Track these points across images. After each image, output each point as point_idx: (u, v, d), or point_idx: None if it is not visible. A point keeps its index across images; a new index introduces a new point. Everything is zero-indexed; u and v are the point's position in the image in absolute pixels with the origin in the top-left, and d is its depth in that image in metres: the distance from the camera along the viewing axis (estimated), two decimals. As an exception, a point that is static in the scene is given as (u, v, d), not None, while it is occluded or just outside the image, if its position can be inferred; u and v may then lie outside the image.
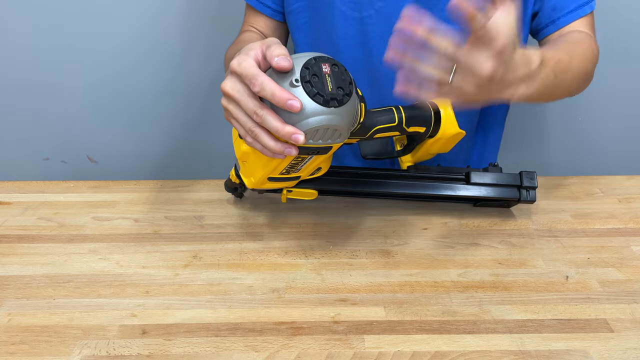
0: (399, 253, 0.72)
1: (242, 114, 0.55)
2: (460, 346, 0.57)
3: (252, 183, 0.67)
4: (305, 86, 0.52)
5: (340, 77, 0.54)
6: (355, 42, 0.81)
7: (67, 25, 1.12)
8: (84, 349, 0.56)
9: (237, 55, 0.55)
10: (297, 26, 0.85)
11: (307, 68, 0.53)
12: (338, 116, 0.54)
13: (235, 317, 0.61)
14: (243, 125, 0.56)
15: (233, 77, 0.55)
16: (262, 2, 0.86)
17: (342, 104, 0.54)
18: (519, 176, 0.77)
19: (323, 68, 0.54)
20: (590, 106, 1.21)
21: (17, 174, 1.25)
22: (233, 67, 0.54)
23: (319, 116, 0.53)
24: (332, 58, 0.55)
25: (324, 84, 0.53)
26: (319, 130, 0.54)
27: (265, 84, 0.52)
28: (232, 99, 0.55)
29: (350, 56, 0.82)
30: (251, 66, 0.53)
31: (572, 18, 0.79)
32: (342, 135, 0.56)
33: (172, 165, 1.29)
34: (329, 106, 0.53)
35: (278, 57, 0.52)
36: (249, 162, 0.65)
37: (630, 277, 0.68)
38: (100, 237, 0.76)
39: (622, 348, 0.57)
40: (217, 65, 1.15)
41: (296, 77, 0.53)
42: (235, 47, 0.81)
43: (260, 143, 0.56)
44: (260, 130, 0.55)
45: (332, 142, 0.56)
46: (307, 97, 0.52)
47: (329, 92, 0.53)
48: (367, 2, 0.78)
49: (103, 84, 1.18)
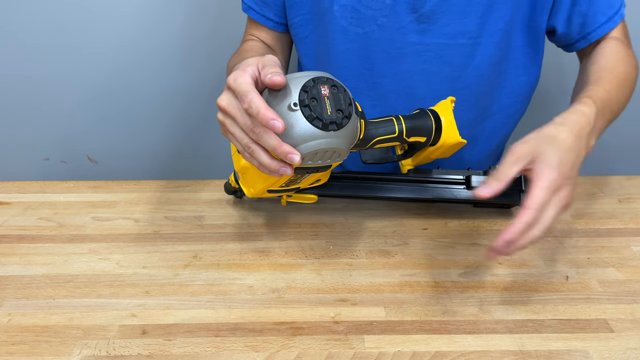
0: (399, 253, 0.72)
1: (238, 130, 0.55)
2: (460, 346, 0.57)
3: (252, 193, 0.67)
4: (304, 110, 0.52)
5: (339, 98, 0.54)
6: (356, 58, 0.81)
7: (68, 25, 1.12)
8: (84, 349, 0.56)
9: (234, 71, 0.55)
10: (299, 39, 0.85)
11: (306, 91, 0.52)
12: (337, 139, 0.54)
13: (235, 317, 0.61)
14: (240, 141, 0.55)
15: (229, 92, 0.55)
16: (263, 15, 0.85)
17: (341, 127, 0.54)
18: (519, 180, 0.77)
19: (322, 90, 0.53)
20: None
21: (17, 174, 1.24)
22: (229, 82, 0.54)
23: (318, 140, 0.53)
24: (331, 78, 0.55)
25: (322, 107, 0.53)
26: (317, 153, 0.54)
27: (253, 102, 0.51)
28: (228, 114, 0.55)
29: (352, 71, 0.82)
30: (245, 83, 0.53)
31: (604, 31, 0.79)
32: (341, 155, 0.56)
33: (172, 165, 1.29)
34: (328, 130, 0.53)
35: (271, 74, 0.52)
36: (248, 175, 0.65)
37: (630, 277, 0.68)
38: (100, 237, 0.76)
39: (622, 348, 0.57)
40: (219, 66, 1.15)
41: (294, 100, 0.52)
42: (237, 57, 0.81)
43: (256, 160, 0.55)
44: (256, 147, 0.54)
45: (331, 162, 0.57)
46: (306, 121, 0.52)
47: (328, 116, 0.53)
48: (369, 18, 0.77)
49: (103, 84, 1.18)
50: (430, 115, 0.68)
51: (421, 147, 0.71)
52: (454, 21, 0.76)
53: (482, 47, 0.78)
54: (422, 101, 0.80)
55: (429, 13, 0.75)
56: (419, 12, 0.76)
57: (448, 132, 0.69)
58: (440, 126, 0.68)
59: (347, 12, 0.77)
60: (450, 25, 0.76)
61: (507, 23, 0.77)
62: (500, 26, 0.77)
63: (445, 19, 0.76)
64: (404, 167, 0.76)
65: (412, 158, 0.75)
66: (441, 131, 0.68)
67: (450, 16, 0.75)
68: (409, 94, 0.81)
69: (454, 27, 0.76)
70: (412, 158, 0.75)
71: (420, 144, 0.70)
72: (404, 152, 0.75)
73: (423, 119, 0.68)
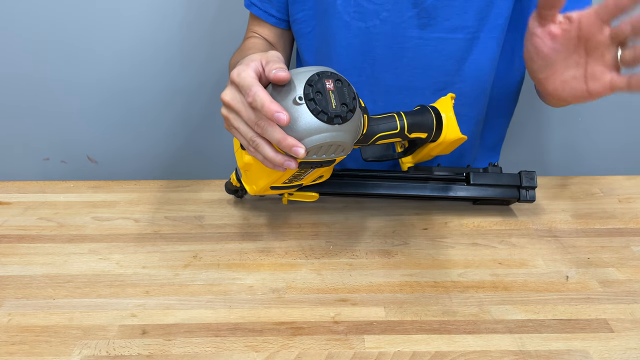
0: (399, 253, 0.72)
1: (242, 124, 0.55)
2: (460, 346, 0.57)
3: (255, 190, 0.67)
4: (309, 104, 0.52)
5: (343, 92, 0.54)
6: (359, 52, 0.81)
7: (68, 25, 1.12)
8: (84, 349, 0.56)
9: (238, 65, 0.55)
10: (301, 35, 0.85)
11: (311, 85, 0.52)
12: (342, 133, 0.54)
13: (235, 317, 0.61)
14: (244, 135, 0.55)
15: (232, 87, 0.55)
16: (265, 11, 0.85)
17: (346, 121, 0.54)
18: (518, 176, 0.77)
19: (326, 84, 0.53)
20: (590, 106, 1.21)
21: (17, 174, 1.25)
22: (232, 77, 0.54)
23: (323, 134, 0.53)
24: (335, 72, 0.55)
25: (327, 101, 0.53)
26: (322, 147, 0.54)
27: (257, 95, 0.51)
28: (232, 109, 0.55)
29: (354, 66, 0.82)
30: (249, 77, 0.53)
31: None
32: (345, 149, 0.56)
33: (172, 165, 1.29)
34: (333, 123, 0.53)
35: (276, 69, 0.52)
36: (251, 171, 0.65)
37: (631, 277, 0.68)
38: (100, 237, 0.76)
39: (622, 348, 0.57)
40: (219, 65, 1.15)
41: (299, 94, 0.52)
42: (239, 54, 0.81)
43: (261, 154, 0.55)
44: (261, 141, 0.54)
45: (335, 156, 0.57)
46: (311, 115, 0.52)
47: (333, 109, 0.53)
48: (371, 13, 0.78)
49: (104, 84, 1.18)
50: (431, 111, 0.69)
51: (422, 144, 0.72)
52: (454, 16, 0.77)
53: (481, 42, 0.79)
54: (422, 95, 0.81)
55: (430, 8, 0.76)
56: (420, 7, 0.76)
57: (449, 128, 0.69)
58: (441, 122, 0.69)
59: (350, 6, 0.78)
60: (450, 20, 0.77)
61: (506, 19, 0.78)
62: (500, 22, 0.78)
63: (445, 14, 0.76)
64: (404, 165, 0.76)
65: (412, 155, 0.75)
66: (442, 127, 0.69)
67: (450, 11, 0.76)
68: (409, 88, 0.82)
69: (454, 22, 0.77)
70: (413, 155, 0.75)
71: (422, 140, 0.70)
72: (404, 149, 0.75)
73: (424, 115, 0.68)
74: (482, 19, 0.77)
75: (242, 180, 0.69)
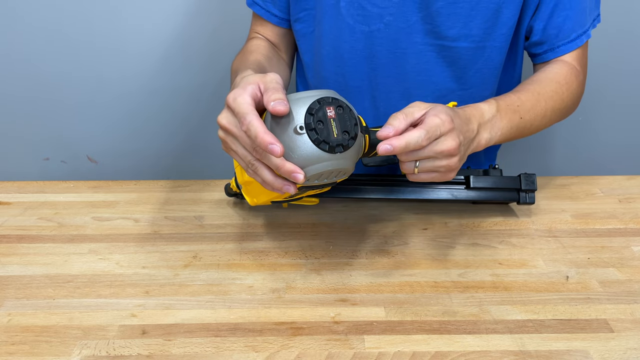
0: (399, 253, 0.72)
1: (240, 148, 0.55)
2: (460, 346, 0.57)
3: (255, 203, 0.67)
4: (310, 134, 0.52)
5: (345, 119, 0.54)
6: (361, 56, 0.80)
7: (69, 25, 1.12)
8: (84, 349, 0.56)
9: (235, 89, 0.54)
10: (302, 35, 0.85)
11: (312, 114, 0.52)
12: (344, 160, 0.54)
13: (235, 317, 0.61)
14: (242, 158, 0.55)
15: (228, 111, 0.54)
16: (268, 10, 0.85)
17: (348, 149, 0.54)
18: (518, 179, 0.77)
19: (328, 112, 0.53)
20: (591, 106, 1.21)
21: (17, 174, 1.24)
22: (228, 101, 0.54)
23: (324, 162, 0.53)
24: (336, 98, 0.54)
25: (329, 130, 0.52)
26: (323, 174, 0.54)
27: (251, 124, 0.51)
28: (229, 132, 0.55)
29: (355, 69, 0.82)
30: (244, 103, 0.52)
31: (571, 48, 0.80)
32: (346, 173, 0.56)
33: (172, 165, 1.29)
34: (335, 152, 0.53)
35: (274, 102, 0.51)
36: (251, 187, 0.65)
37: (631, 277, 0.68)
38: (100, 237, 0.76)
39: (623, 348, 0.56)
40: (220, 65, 1.15)
41: (300, 124, 0.52)
42: (241, 57, 0.80)
43: (260, 177, 0.55)
44: (260, 165, 0.54)
45: (336, 179, 0.57)
46: (312, 144, 0.52)
47: (335, 138, 0.53)
48: (375, 16, 0.77)
49: (103, 83, 1.18)
50: None
51: None
52: (459, 24, 0.76)
53: (486, 51, 0.78)
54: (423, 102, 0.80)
55: (435, 14, 0.75)
56: (425, 12, 0.75)
57: None
58: None
59: (354, 9, 0.77)
60: (455, 27, 0.76)
61: (510, 28, 0.77)
62: (504, 31, 0.77)
63: (451, 21, 0.76)
64: None
65: None
66: None
67: (455, 18, 0.75)
68: (411, 94, 0.81)
69: (459, 30, 0.76)
70: None
71: None
72: None
73: None
74: (488, 28, 0.76)
75: (243, 192, 0.69)
